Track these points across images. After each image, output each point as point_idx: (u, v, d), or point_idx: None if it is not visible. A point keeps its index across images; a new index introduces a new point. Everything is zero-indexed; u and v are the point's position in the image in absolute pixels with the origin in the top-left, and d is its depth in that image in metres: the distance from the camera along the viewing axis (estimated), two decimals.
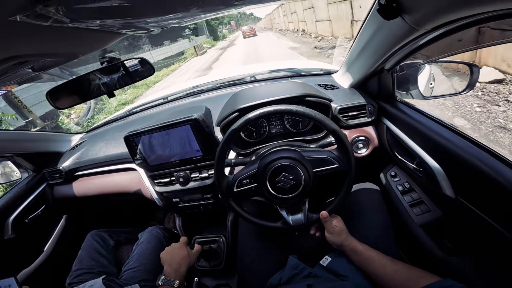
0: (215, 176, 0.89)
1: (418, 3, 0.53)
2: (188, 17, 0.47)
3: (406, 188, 1.06)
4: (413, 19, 0.58)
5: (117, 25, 0.41)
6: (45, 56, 0.49)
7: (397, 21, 0.62)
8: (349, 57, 1.11)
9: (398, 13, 0.58)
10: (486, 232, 0.71)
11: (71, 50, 0.52)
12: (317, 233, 0.97)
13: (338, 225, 0.87)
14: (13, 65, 0.50)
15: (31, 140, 1.38)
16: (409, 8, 0.56)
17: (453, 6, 0.47)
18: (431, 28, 0.59)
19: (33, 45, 0.43)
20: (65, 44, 0.47)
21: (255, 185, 0.88)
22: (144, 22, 0.43)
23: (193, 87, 1.72)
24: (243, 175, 0.89)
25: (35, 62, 0.52)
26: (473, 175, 0.69)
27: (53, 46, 0.46)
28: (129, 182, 1.32)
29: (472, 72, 0.92)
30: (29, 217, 1.33)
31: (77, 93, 0.81)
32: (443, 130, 0.82)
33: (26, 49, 0.43)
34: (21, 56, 0.45)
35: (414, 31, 0.63)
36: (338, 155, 0.85)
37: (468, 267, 0.81)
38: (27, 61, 0.50)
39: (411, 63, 0.98)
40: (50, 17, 0.32)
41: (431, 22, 0.56)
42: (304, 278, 0.83)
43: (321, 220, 0.87)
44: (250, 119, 0.82)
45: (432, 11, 0.52)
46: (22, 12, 0.30)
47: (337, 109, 1.12)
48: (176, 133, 1.06)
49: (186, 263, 0.92)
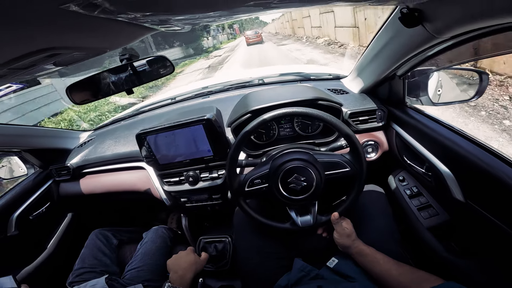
0: (227, 175, 0.90)
1: (441, 13, 0.55)
2: (224, 16, 0.48)
3: (414, 192, 1.07)
4: (434, 27, 0.60)
5: (157, 20, 0.42)
6: (78, 49, 0.50)
7: (417, 28, 0.64)
8: (361, 62, 1.13)
9: (420, 21, 0.60)
10: (496, 235, 0.72)
11: (101, 44, 0.52)
12: (324, 234, 0.98)
13: (348, 227, 0.88)
14: (44, 57, 0.51)
15: (40, 136, 1.38)
16: (431, 16, 0.58)
17: (476, 16, 0.49)
18: (450, 36, 0.61)
19: (71, 37, 0.44)
20: (102, 37, 0.48)
21: (266, 185, 0.89)
22: (180, 19, 0.44)
23: (202, 88, 1.74)
24: (255, 175, 0.90)
25: (65, 55, 0.53)
26: (483, 180, 0.71)
27: (90, 40, 0.47)
28: (137, 181, 1.32)
29: (482, 79, 0.94)
30: (33, 214, 1.32)
31: (95, 89, 0.81)
32: (453, 135, 0.83)
33: (64, 41, 0.44)
34: (57, 48, 0.45)
35: (433, 39, 0.65)
36: (350, 159, 0.87)
37: (475, 270, 0.82)
38: (58, 53, 0.51)
39: (422, 69, 1.00)
40: (99, 6, 0.33)
41: (452, 30, 0.58)
42: (311, 279, 0.83)
43: (332, 221, 0.88)
44: (265, 120, 0.83)
45: (454, 20, 0.54)
46: (75, 1, 0.31)
47: (348, 113, 1.14)
48: (187, 133, 1.07)
49: (193, 270, 0.91)
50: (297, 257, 0.92)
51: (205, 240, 1.39)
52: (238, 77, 1.83)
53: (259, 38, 24.69)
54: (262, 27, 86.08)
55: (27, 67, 0.55)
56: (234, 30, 65.62)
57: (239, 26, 74.56)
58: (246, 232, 1.05)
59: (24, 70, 0.57)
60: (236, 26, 73.56)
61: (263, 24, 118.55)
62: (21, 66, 0.52)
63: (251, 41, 24.47)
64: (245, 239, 1.04)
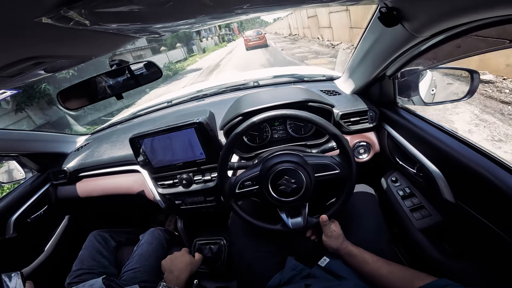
0: (218, 178, 0.91)
1: (417, 11, 0.56)
2: (198, 23, 0.49)
3: (407, 193, 1.07)
4: (412, 26, 0.61)
5: (132, 29, 0.43)
6: (62, 57, 0.51)
7: (397, 28, 0.64)
8: (351, 63, 1.13)
9: (398, 21, 0.61)
10: (486, 236, 0.72)
11: (86, 52, 0.54)
12: (313, 237, 0.99)
13: (336, 230, 0.89)
14: (30, 65, 0.52)
15: (37, 141, 1.40)
16: (409, 15, 0.58)
17: (450, 13, 0.49)
18: (430, 35, 0.61)
19: (52, 46, 0.45)
20: (82, 46, 0.49)
21: (257, 187, 0.90)
22: (157, 27, 0.45)
23: (197, 91, 1.75)
24: (245, 177, 0.91)
25: (51, 63, 0.54)
26: (472, 180, 0.70)
27: (71, 48, 0.49)
28: (133, 184, 1.33)
29: (473, 78, 0.94)
30: (31, 217, 1.34)
31: (86, 95, 0.82)
32: (443, 136, 0.83)
33: (46, 50, 0.45)
34: (40, 57, 0.47)
35: (414, 38, 0.65)
36: (339, 161, 0.87)
37: (468, 271, 0.82)
38: (43, 62, 0.52)
39: (412, 69, 1.00)
40: (72, 19, 0.34)
41: (430, 29, 0.58)
42: (303, 278, 0.84)
43: (321, 224, 0.89)
44: (254, 123, 0.84)
45: (430, 18, 0.54)
46: (47, 14, 0.32)
47: (339, 114, 1.14)
48: (180, 136, 1.08)
49: (188, 270, 0.91)
50: (291, 256, 0.93)
51: (200, 242, 1.40)
52: (233, 79, 1.84)
53: (262, 40, 18.50)
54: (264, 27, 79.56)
55: (15, 75, 0.56)
56: (232, 30, 56.12)
57: (238, 26, 63.37)
58: (242, 232, 1.06)
59: (13, 77, 0.58)
60: (235, 25, 61.28)
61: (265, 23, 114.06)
62: (8, 74, 0.54)
63: (251, 44, 18.37)
64: (240, 239, 1.05)
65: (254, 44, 18.33)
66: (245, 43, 18.98)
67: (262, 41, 18.47)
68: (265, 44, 18.55)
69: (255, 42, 18.37)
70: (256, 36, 18.66)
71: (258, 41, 18.41)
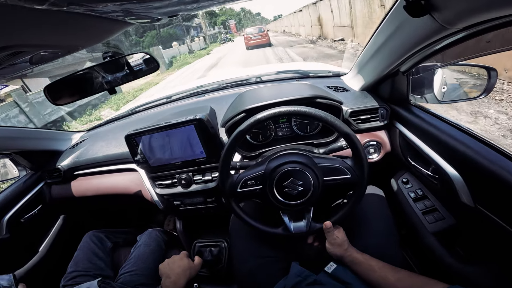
0: (219, 178, 0.86)
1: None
2: (197, 3, 0.42)
3: (419, 195, 1.02)
4: (444, 16, 0.53)
5: (119, 10, 0.37)
6: (42, 47, 0.45)
7: (424, 18, 0.57)
8: (362, 58, 1.07)
9: (428, 10, 0.54)
10: (504, 241, 0.68)
11: (70, 42, 0.48)
12: (316, 243, 0.95)
13: (339, 236, 0.85)
14: (6, 56, 0.46)
15: (31, 138, 1.35)
16: (441, 4, 0.51)
17: (494, 4, 0.43)
18: (462, 27, 0.54)
19: (28, 34, 0.39)
20: (64, 34, 0.43)
21: (260, 187, 0.84)
22: (147, 7, 0.39)
23: (198, 87, 1.70)
24: (248, 175, 0.85)
25: (31, 53, 0.48)
26: (494, 183, 0.66)
27: (52, 37, 0.42)
28: (129, 183, 1.28)
29: (490, 76, 0.89)
30: (24, 217, 1.29)
31: (76, 89, 0.77)
32: (461, 135, 0.78)
33: (20, 39, 0.39)
34: (16, 46, 0.40)
35: (443, 30, 0.58)
36: (351, 165, 0.82)
37: (481, 276, 0.78)
38: (21, 51, 0.46)
39: (427, 65, 0.94)
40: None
41: (465, 20, 0.51)
42: (308, 285, 0.80)
43: (324, 230, 0.84)
44: (259, 120, 0.79)
45: (469, 8, 0.47)
46: None
47: (348, 112, 1.08)
48: (179, 134, 1.02)
49: (186, 276, 0.88)
50: (294, 261, 0.89)
51: (200, 244, 1.35)
52: (235, 75, 1.77)
53: (264, 38, 16.25)
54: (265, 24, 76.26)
55: None
56: (229, 28, 49.72)
57: (236, 23, 55.80)
58: (243, 235, 1.01)
59: None
60: (232, 22, 54.33)
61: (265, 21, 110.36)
62: None
63: (252, 43, 16.29)
64: (242, 243, 1.01)
65: (256, 43, 16.35)
66: (245, 42, 17.00)
67: (264, 40, 16.36)
68: (268, 43, 16.56)
69: (256, 41, 16.35)
70: (258, 34, 16.44)
71: (260, 40, 16.31)
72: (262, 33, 16.50)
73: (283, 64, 2.44)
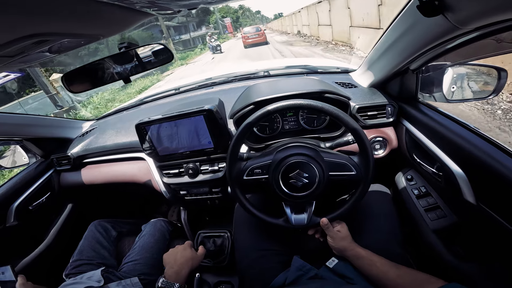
0: (227, 168, 0.87)
1: (466, 0, 0.49)
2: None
3: (422, 192, 1.03)
4: (457, 17, 0.54)
5: (145, 0, 0.38)
6: (66, 35, 0.46)
7: (437, 18, 0.58)
8: (372, 55, 1.07)
9: (441, 10, 0.54)
10: (506, 240, 0.69)
11: (94, 31, 0.49)
12: (317, 235, 0.95)
13: (341, 231, 0.86)
14: (31, 44, 0.47)
15: (41, 126, 1.37)
16: (454, 4, 0.52)
17: (506, 6, 0.43)
18: (475, 27, 0.55)
19: (56, 22, 0.40)
20: (90, 23, 0.44)
21: (266, 177, 0.85)
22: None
23: (206, 79, 1.70)
24: (256, 164, 0.87)
25: (54, 42, 0.49)
26: (497, 182, 0.66)
27: (77, 25, 0.44)
28: (137, 172, 1.30)
29: (500, 76, 0.89)
30: (33, 204, 1.31)
31: (92, 78, 0.79)
32: (468, 134, 0.78)
33: (48, 27, 0.40)
34: (42, 34, 0.42)
35: (455, 30, 0.59)
36: (357, 162, 0.82)
37: (480, 275, 0.79)
38: (46, 40, 0.48)
39: (437, 64, 0.94)
40: None
41: (478, 21, 0.52)
42: (309, 279, 0.81)
43: (322, 226, 0.85)
44: (269, 111, 0.80)
45: (482, 10, 0.48)
46: None
47: (356, 108, 1.09)
48: (188, 124, 1.04)
49: (189, 266, 0.89)
50: (296, 254, 0.90)
51: (204, 235, 1.37)
52: (243, 69, 1.78)
53: (261, 37, 17.13)
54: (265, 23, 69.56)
55: (14, 54, 0.52)
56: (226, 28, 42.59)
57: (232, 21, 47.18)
58: (246, 227, 1.03)
59: (13, 57, 0.54)
60: (228, 20, 44.68)
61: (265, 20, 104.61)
62: (7, 54, 0.49)
63: (250, 42, 17.13)
64: (244, 234, 1.02)
65: (253, 42, 17.25)
66: (243, 40, 17.86)
67: (261, 38, 17.24)
68: (264, 42, 17.40)
69: (254, 39, 17.25)
70: (255, 33, 17.37)
71: (257, 38, 17.18)
72: (259, 32, 17.44)
73: (292, 59, 2.41)
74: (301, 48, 12.73)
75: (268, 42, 17.53)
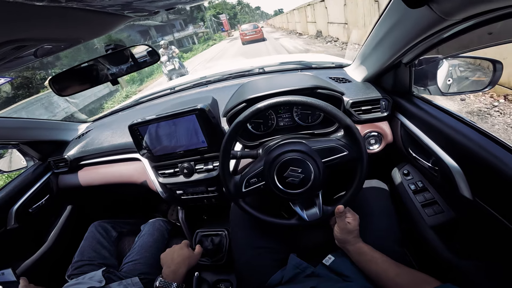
0: (220, 168, 0.87)
1: None
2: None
3: (419, 187, 1.02)
4: (442, 7, 0.53)
5: (116, 4, 0.37)
6: (44, 41, 0.46)
7: (422, 10, 0.56)
8: (364, 49, 1.05)
9: (425, 1, 0.53)
10: (502, 236, 0.68)
11: (71, 35, 0.48)
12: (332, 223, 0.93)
13: (351, 223, 0.83)
14: (11, 50, 0.47)
15: (38, 128, 1.37)
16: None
17: None
18: (461, 18, 0.54)
19: (30, 28, 0.40)
20: (65, 28, 0.44)
21: (263, 183, 0.85)
22: (143, 0, 0.39)
23: (201, 78, 1.70)
24: (250, 174, 0.87)
25: (34, 47, 0.49)
26: (493, 176, 0.65)
27: (52, 30, 0.43)
28: (134, 172, 1.30)
29: (496, 69, 0.88)
30: (33, 207, 1.32)
31: (80, 80, 0.79)
32: (463, 127, 0.77)
33: (23, 33, 0.40)
34: (17, 40, 0.42)
35: (442, 22, 0.57)
36: (346, 142, 0.82)
37: (477, 272, 0.78)
38: (25, 45, 0.47)
39: (430, 57, 0.93)
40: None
41: (463, 11, 0.50)
42: (306, 277, 0.81)
43: (336, 214, 0.83)
44: (259, 109, 0.79)
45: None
46: None
47: (349, 102, 1.08)
48: (181, 123, 1.04)
49: (186, 265, 0.90)
50: (293, 252, 0.90)
51: (202, 233, 1.38)
52: (238, 66, 1.77)
53: (258, 34, 18.00)
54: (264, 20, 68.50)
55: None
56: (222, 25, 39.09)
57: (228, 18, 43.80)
58: (242, 225, 1.03)
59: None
60: (224, 16, 41.08)
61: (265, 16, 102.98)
62: None
63: (248, 38, 18.01)
64: (241, 233, 1.02)
65: (251, 38, 18.14)
66: (241, 37, 18.85)
67: (258, 35, 18.19)
68: (262, 38, 18.27)
69: (251, 36, 18.17)
70: (253, 30, 18.39)
71: (255, 35, 18.13)
72: (256, 29, 18.58)
73: (286, 55, 2.40)
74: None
75: (266, 38, 18.41)
